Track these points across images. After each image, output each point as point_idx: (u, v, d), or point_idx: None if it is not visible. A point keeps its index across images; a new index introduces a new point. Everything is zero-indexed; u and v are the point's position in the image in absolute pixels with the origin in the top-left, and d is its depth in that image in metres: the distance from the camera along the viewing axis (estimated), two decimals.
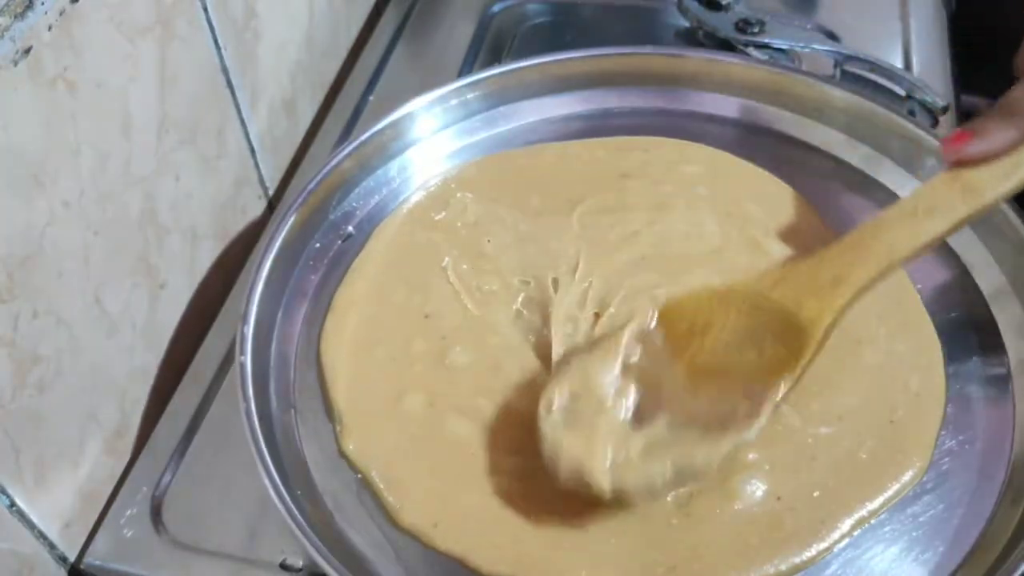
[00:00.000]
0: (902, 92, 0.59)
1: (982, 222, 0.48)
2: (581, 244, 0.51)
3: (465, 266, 0.51)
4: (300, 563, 0.42)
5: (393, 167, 0.56)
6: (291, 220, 0.49)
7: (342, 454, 0.45)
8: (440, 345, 0.48)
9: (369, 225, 0.54)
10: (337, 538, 0.41)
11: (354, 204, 0.54)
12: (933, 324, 0.48)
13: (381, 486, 0.43)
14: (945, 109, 0.57)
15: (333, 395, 0.46)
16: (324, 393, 0.47)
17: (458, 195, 0.55)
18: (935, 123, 0.57)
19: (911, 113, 0.57)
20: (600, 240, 0.51)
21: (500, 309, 0.49)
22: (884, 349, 0.47)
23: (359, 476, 0.44)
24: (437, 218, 0.54)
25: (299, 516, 0.39)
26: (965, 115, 0.62)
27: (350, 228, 0.54)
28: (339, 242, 0.53)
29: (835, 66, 0.61)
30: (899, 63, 0.62)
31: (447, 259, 0.51)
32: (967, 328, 0.48)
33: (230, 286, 0.54)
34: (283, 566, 0.42)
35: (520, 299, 0.49)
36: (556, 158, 0.57)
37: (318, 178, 0.51)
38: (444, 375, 0.47)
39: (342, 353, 0.48)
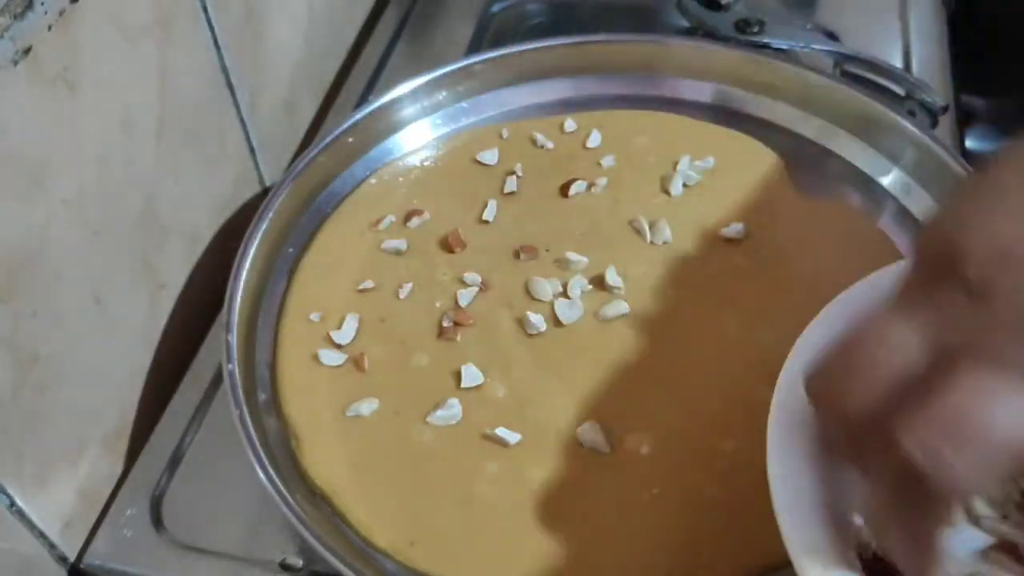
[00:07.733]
0: (902, 92, 0.58)
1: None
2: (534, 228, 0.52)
3: (418, 259, 0.51)
4: (300, 563, 0.42)
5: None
6: (266, 224, 0.50)
7: (301, 472, 0.43)
8: (400, 350, 0.47)
9: None
10: (340, 536, 0.41)
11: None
12: None
13: (348, 505, 0.42)
14: (945, 109, 0.57)
15: (286, 409, 0.45)
16: (276, 407, 0.46)
17: (403, 190, 0.55)
18: (935, 123, 0.57)
19: (911, 113, 0.57)
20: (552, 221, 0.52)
21: (457, 298, 0.49)
22: None
23: (320, 494, 0.42)
24: (383, 214, 0.53)
25: (301, 514, 0.39)
26: (965, 115, 0.62)
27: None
28: None
29: (835, 66, 0.61)
30: (899, 63, 0.62)
31: (398, 255, 0.51)
32: None
33: None
34: (283, 566, 0.42)
35: (478, 285, 0.49)
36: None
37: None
38: (405, 379, 0.46)
39: (295, 363, 0.47)
